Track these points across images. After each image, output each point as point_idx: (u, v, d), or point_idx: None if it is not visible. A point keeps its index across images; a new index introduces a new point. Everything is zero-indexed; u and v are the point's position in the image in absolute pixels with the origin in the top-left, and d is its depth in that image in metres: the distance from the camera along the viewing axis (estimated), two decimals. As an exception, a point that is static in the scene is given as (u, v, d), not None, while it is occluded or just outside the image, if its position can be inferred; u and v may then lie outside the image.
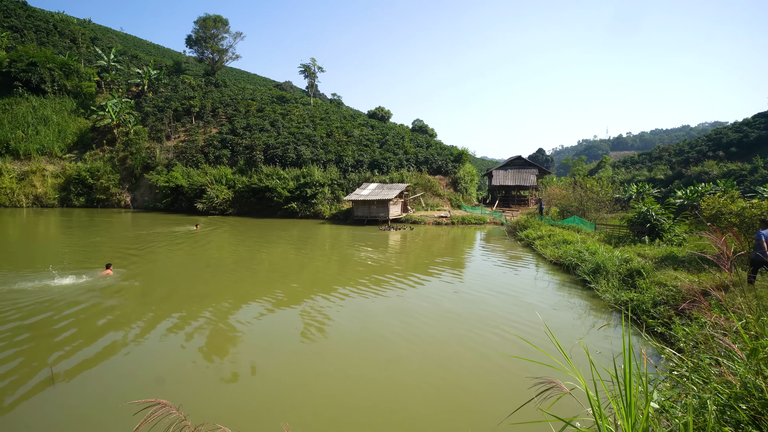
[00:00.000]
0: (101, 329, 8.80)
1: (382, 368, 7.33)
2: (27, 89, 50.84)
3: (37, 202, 43.40)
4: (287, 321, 9.69)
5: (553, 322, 9.60)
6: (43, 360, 7.25)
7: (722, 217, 12.39)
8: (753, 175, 40.62)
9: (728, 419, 2.93)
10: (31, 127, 47.48)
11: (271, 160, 41.76)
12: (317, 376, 6.95)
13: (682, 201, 23.59)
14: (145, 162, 45.92)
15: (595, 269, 12.98)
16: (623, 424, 2.41)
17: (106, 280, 12.76)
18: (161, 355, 7.76)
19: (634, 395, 2.38)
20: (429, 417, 5.78)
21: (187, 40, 65.68)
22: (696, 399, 3.25)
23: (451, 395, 6.41)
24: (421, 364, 7.47)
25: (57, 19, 73.70)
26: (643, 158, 70.61)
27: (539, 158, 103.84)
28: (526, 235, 22.14)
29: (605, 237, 18.49)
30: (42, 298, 10.65)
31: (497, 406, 6.05)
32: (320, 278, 14.51)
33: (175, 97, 56.12)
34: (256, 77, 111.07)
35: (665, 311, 8.70)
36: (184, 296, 11.73)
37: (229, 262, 16.77)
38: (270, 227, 29.24)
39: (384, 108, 66.34)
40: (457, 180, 43.11)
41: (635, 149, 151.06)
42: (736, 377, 3.14)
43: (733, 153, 48.98)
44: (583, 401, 4.17)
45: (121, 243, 20.73)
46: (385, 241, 23.37)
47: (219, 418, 5.54)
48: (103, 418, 5.58)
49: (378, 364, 7.53)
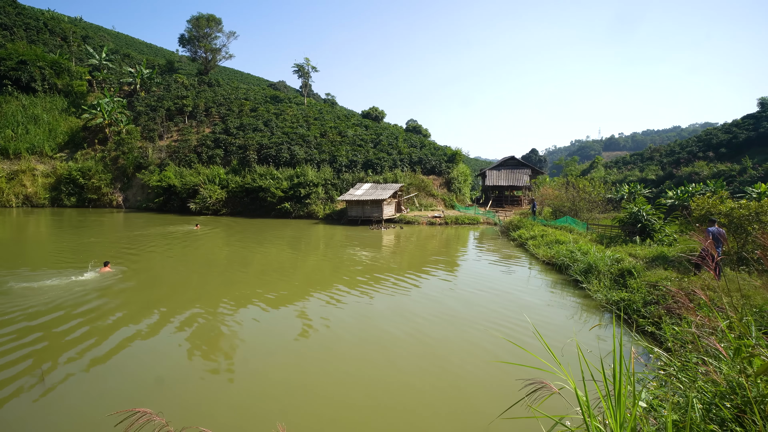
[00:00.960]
0: (100, 330, 8.74)
1: (378, 368, 7.37)
2: (17, 88, 50.19)
3: (27, 202, 42.88)
4: (284, 321, 9.69)
5: (545, 322, 9.69)
6: (38, 362, 7.20)
7: (711, 218, 12.55)
8: (742, 176, 41.13)
9: (713, 417, 3.00)
10: (20, 126, 46.90)
11: (264, 160, 41.62)
12: (314, 376, 6.97)
13: (673, 201, 23.83)
14: (137, 162, 45.54)
15: (587, 269, 13.11)
16: (611, 423, 2.47)
17: (107, 280, 12.79)
18: (160, 356, 7.72)
19: (624, 394, 2.44)
20: (424, 416, 5.83)
21: (180, 39, 65.32)
22: (682, 398, 3.33)
23: (446, 395, 6.46)
24: (417, 363, 7.52)
25: (47, 17, 72.84)
26: (634, 159, 71.19)
27: (532, 158, 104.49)
28: (519, 235, 22.28)
29: (597, 237, 18.66)
30: (38, 299, 10.56)
31: (490, 405, 6.11)
32: (315, 278, 14.51)
33: (168, 97, 55.71)
34: (250, 77, 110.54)
35: (656, 310, 8.83)
36: (183, 296, 11.68)
37: (228, 262, 16.71)
38: (265, 227, 29.15)
39: (378, 108, 66.30)
40: (451, 180, 43.25)
41: (627, 150, 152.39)
42: (722, 376, 3.21)
43: (723, 154, 49.57)
44: (572, 401, 4.24)
45: (122, 243, 20.57)
46: (378, 240, 23.41)
47: (206, 422, 5.55)
48: (85, 429, 5.51)
49: (374, 363, 7.57)
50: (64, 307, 10.09)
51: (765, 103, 55.88)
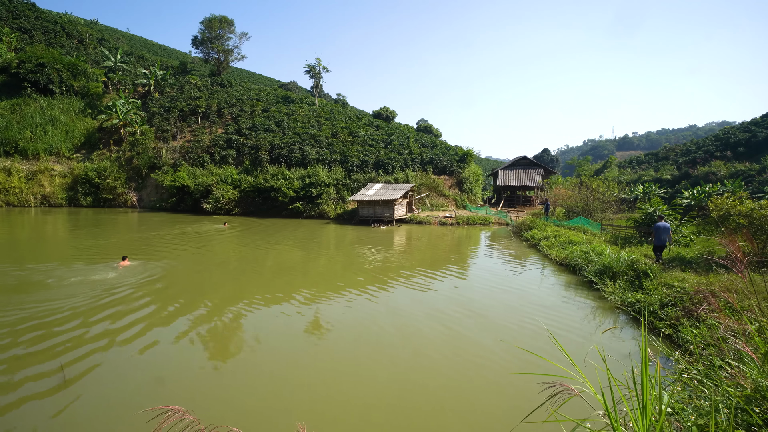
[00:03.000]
0: (117, 328, 8.90)
1: (393, 368, 7.37)
2: (35, 90, 51.32)
3: (45, 202, 43.80)
4: (303, 320, 9.74)
5: (559, 324, 9.59)
6: (57, 358, 7.36)
7: (730, 218, 12.32)
8: (761, 176, 40.23)
9: (740, 422, 2.94)
10: (39, 127, 47.92)
11: (276, 160, 41.92)
12: (334, 376, 6.99)
13: (689, 201, 23.39)
14: (151, 162, 46.24)
15: (601, 270, 12.94)
16: (636, 426, 2.43)
17: (132, 276, 13.40)
18: (171, 355, 7.83)
19: (649, 399, 2.40)
20: (439, 418, 5.81)
21: (192, 41, 66.11)
22: (708, 402, 3.27)
23: (464, 397, 6.43)
24: (434, 365, 7.50)
25: (65, 20, 74.41)
26: (649, 158, 70.18)
27: (544, 158, 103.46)
28: (531, 236, 22.10)
29: (611, 238, 18.42)
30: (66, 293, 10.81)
31: (509, 409, 6.08)
32: (328, 277, 14.55)
33: (181, 98, 56.44)
34: (262, 77, 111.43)
35: (672, 312, 8.68)
36: (207, 295, 11.80)
37: (257, 262, 16.87)
38: (282, 227, 29.29)
39: (389, 108, 66.28)
40: (462, 180, 43.05)
41: (641, 149, 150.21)
42: (748, 380, 3.14)
43: (741, 153, 48.56)
44: (593, 403, 4.20)
45: (162, 240, 21.61)
46: (390, 241, 23.40)
47: (229, 419, 5.60)
48: (117, 426, 5.60)
49: (389, 364, 7.56)
50: (103, 301, 10.30)
51: (785, 101, 54.54)
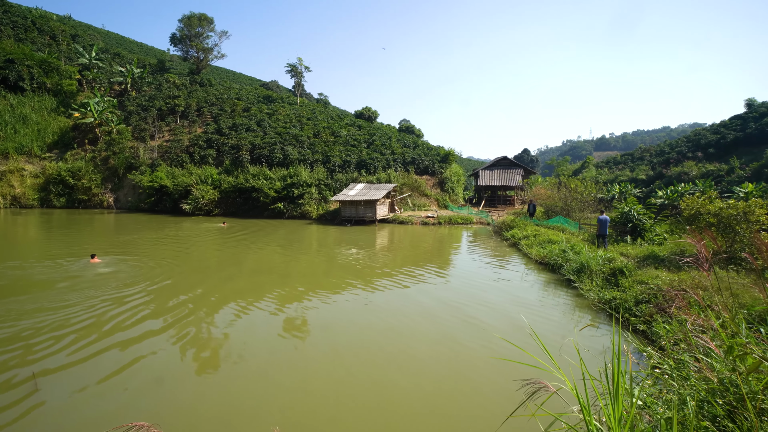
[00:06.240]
0: (99, 330, 8.67)
1: (375, 369, 7.40)
2: (4, 87, 49.39)
3: (15, 203, 42.22)
4: (276, 322, 9.67)
5: (538, 321, 9.78)
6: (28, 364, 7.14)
7: (701, 217, 12.76)
8: (730, 176, 41.83)
9: (706, 414, 3.07)
10: (8, 125, 46.18)
11: (257, 160, 41.44)
12: (312, 377, 6.98)
13: (663, 201, 24.17)
14: (128, 162, 45.08)
15: (579, 268, 13.26)
16: (608, 420, 2.53)
17: (116, 277, 13.25)
18: (156, 358, 7.69)
19: (621, 392, 2.50)
20: (420, 417, 5.87)
21: (171, 39, 64.57)
22: (676, 395, 3.40)
23: (443, 397, 6.51)
24: (415, 364, 7.56)
25: (35, 15, 71.80)
26: (625, 159, 72.03)
27: (524, 158, 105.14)
28: (512, 235, 22.44)
29: (589, 236, 18.85)
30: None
31: (488, 407, 6.18)
32: (309, 278, 14.47)
33: (159, 96, 55.22)
34: (242, 76, 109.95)
35: (647, 309, 8.97)
36: (180, 297, 11.60)
37: (236, 262, 16.64)
38: (262, 227, 28.95)
39: (371, 108, 66.28)
40: (444, 180, 43.39)
41: (618, 150, 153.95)
42: (714, 373, 3.29)
43: (711, 154, 50.34)
44: (569, 399, 4.32)
45: (166, 241, 20.51)
46: (372, 240, 23.43)
47: (209, 423, 5.54)
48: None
49: (370, 364, 7.59)
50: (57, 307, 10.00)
51: (752, 104, 56.83)
